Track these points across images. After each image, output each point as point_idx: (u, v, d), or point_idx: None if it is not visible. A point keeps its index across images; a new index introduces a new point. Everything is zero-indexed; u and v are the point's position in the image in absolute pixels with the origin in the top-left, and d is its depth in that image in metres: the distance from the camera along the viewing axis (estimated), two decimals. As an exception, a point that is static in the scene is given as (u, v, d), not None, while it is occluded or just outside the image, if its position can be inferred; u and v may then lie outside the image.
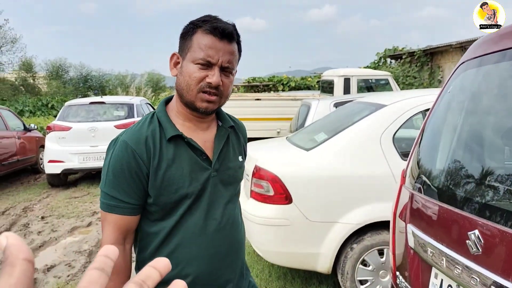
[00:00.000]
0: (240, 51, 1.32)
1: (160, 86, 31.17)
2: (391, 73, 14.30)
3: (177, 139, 1.28)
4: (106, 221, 1.26)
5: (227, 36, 1.23)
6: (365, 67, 18.12)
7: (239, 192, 1.47)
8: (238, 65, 1.33)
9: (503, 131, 1.62)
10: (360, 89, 10.71)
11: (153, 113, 1.34)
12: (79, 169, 7.69)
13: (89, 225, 5.58)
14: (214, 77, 1.22)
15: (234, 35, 1.26)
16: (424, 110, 3.13)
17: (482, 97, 1.75)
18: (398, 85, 12.76)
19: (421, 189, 1.84)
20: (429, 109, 2.08)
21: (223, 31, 1.22)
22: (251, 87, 20.50)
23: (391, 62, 18.77)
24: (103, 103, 8.08)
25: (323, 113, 5.68)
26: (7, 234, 0.34)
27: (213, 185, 1.32)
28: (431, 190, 1.78)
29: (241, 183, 1.56)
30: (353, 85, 10.75)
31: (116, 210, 1.24)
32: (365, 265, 3.09)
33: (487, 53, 1.64)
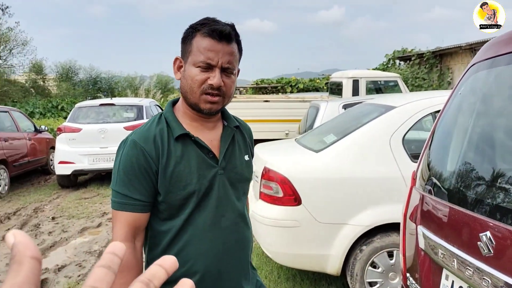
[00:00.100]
0: (240, 50, 1.35)
1: (168, 88, 31.29)
2: (400, 74, 14.23)
3: (185, 138, 1.32)
4: (116, 219, 1.28)
5: (225, 37, 1.26)
6: (374, 69, 18.06)
7: (247, 191, 1.49)
8: (240, 63, 1.36)
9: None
10: (369, 91, 10.65)
11: (160, 114, 1.38)
12: (89, 170, 7.77)
13: (99, 225, 5.63)
14: (215, 79, 1.25)
15: (232, 36, 1.29)
16: (434, 112, 3.12)
17: (493, 98, 1.75)
18: (407, 87, 12.69)
19: (432, 190, 1.84)
20: (440, 111, 2.08)
21: (221, 33, 1.25)
22: (259, 89, 20.52)
23: (400, 63, 18.68)
24: (112, 104, 8.15)
25: (332, 115, 5.68)
26: (14, 232, 0.34)
27: (221, 183, 1.35)
28: (441, 191, 1.77)
29: (250, 184, 1.57)
30: (361, 87, 10.70)
31: (126, 207, 1.27)
32: (375, 267, 3.08)
33: (499, 55, 1.63)
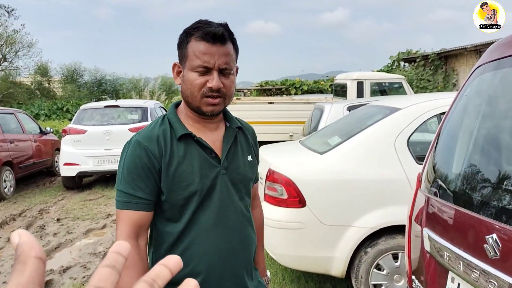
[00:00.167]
0: (236, 49, 1.36)
1: (173, 89, 31.37)
2: (405, 76, 14.19)
3: (187, 138, 1.33)
4: (120, 218, 1.29)
5: (219, 38, 1.27)
6: (379, 71, 18.02)
7: (249, 191, 1.48)
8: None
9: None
10: (373, 93, 10.63)
11: (164, 116, 1.40)
12: (94, 172, 7.79)
13: (104, 227, 5.65)
14: (213, 82, 1.27)
15: (226, 36, 1.29)
16: (439, 113, 3.11)
17: (499, 100, 1.74)
18: (412, 88, 12.66)
19: (437, 193, 1.83)
20: (445, 113, 2.07)
21: (214, 35, 1.26)
22: (263, 91, 20.53)
23: (404, 65, 18.63)
24: (117, 106, 8.18)
25: (336, 116, 5.67)
26: (20, 231, 0.34)
27: (223, 183, 1.36)
28: (447, 194, 1.77)
29: (259, 185, 1.57)
30: (366, 88, 10.68)
31: (130, 205, 1.28)
32: (379, 269, 3.07)
33: (504, 56, 1.63)
